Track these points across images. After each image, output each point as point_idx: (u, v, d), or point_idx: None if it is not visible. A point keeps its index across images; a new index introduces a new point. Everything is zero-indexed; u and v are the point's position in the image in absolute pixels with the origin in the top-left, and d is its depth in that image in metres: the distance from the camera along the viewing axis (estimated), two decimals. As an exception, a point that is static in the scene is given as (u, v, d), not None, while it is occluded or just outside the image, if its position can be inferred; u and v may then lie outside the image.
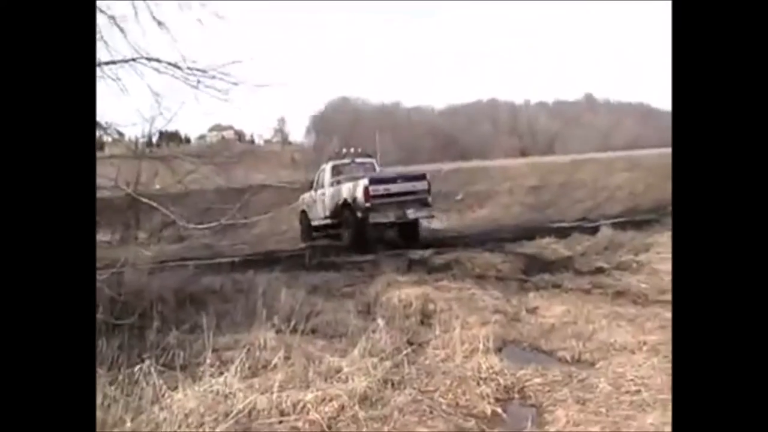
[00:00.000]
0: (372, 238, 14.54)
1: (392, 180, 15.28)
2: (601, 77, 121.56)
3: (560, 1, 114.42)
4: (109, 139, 10.54)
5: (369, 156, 18.70)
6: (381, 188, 14.72)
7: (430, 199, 15.29)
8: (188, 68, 7.02)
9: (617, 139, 52.77)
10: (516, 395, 4.78)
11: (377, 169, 17.74)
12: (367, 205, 14.51)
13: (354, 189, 15.04)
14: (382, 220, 14.62)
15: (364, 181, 14.81)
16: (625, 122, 54.85)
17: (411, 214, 14.84)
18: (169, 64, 7.06)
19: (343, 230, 15.79)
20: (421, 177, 15.59)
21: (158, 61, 7.06)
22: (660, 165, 25.93)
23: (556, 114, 70.23)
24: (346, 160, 17.71)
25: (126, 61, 6.92)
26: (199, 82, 7.06)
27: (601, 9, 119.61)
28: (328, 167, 17.44)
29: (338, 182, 16.21)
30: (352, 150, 18.47)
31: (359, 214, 14.71)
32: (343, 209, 15.56)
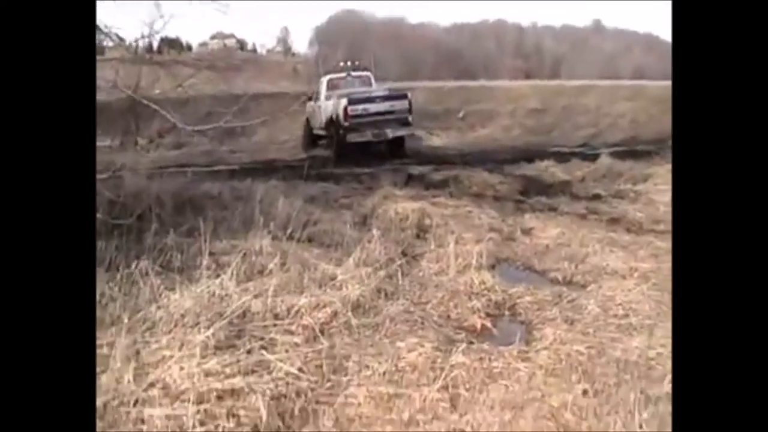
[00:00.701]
0: (357, 154, 14.57)
1: (371, 100, 15.20)
2: (609, 4, 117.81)
3: None
4: (110, 44, 10.35)
5: (366, 69, 18.51)
6: (360, 108, 14.78)
7: (410, 119, 15.28)
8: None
9: (623, 67, 51.78)
10: (506, 312, 4.89)
11: (373, 83, 17.56)
12: (346, 124, 14.67)
13: (337, 107, 15.09)
14: (358, 139, 14.74)
15: (344, 101, 14.85)
16: (632, 50, 53.73)
17: (390, 133, 14.90)
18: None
19: (332, 144, 15.98)
20: (402, 96, 15.53)
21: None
22: (664, 97, 25.67)
23: (562, 38, 68.61)
24: (342, 74, 17.60)
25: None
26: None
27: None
28: (324, 80, 17.36)
29: (329, 97, 16.13)
30: (349, 63, 18.29)
31: (341, 132, 14.89)
32: (331, 124, 15.67)
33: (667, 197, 8.68)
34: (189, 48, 65.62)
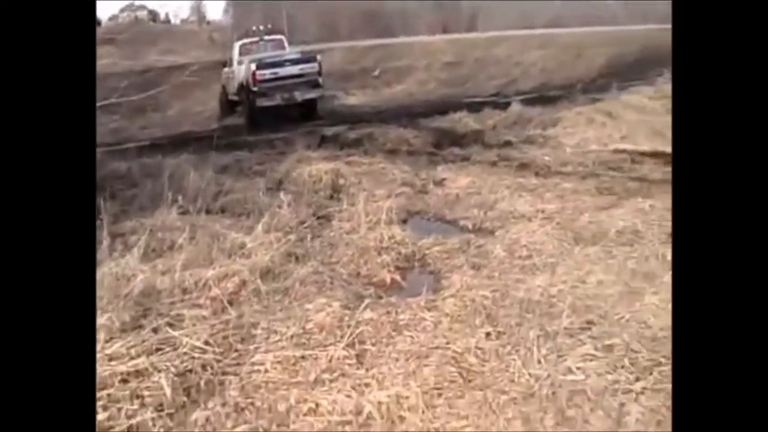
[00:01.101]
0: (271, 119, 14.40)
1: (280, 64, 14.94)
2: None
3: None
4: None
5: (279, 33, 18.23)
6: (268, 72, 14.57)
7: (320, 80, 15.10)
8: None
9: (539, 18, 52.44)
10: (416, 263, 4.92)
11: (286, 46, 17.24)
12: (255, 89, 14.48)
13: (247, 72, 14.86)
14: (268, 104, 14.56)
15: (252, 66, 14.64)
16: (547, 2, 54.43)
17: (299, 96, 14.75)
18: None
19: (243, 110, 15.85)
20: (312, 59, 15.33)
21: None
22: (573, 43, 26.14)
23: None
24: (255, 39, 17.29)
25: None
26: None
27: None
28: (236, 45, 17.02)
29: (241, 62, 15.85)
30: (261, 27, 17.95)
31: (251, 97, 14.71)
32: (242, 90, 15.46)
33: (574, 140, 8.90)
34: (98, 23, 63.15)
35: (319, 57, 15.39)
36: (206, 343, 3.67)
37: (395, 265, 4.78)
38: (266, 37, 17.34)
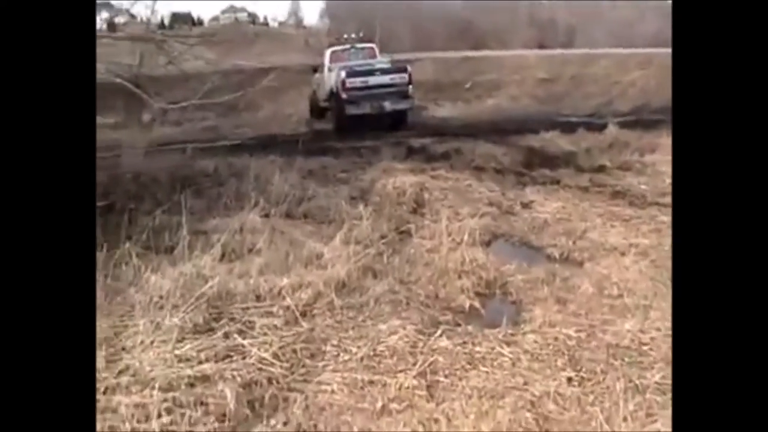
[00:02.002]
0: (360, 127, 14.34)
1: (370, 72, 14.91)
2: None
3: None
4: (122, 20, 10.24)
5: (370, 42, 18.27)
6: (358, 81, 14.55)
7: (410, 91, 14.96)
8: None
9: (638, 35, 50.81)
10: (497, 291, 4.69)
11: (377, 55, 17.27)
12: (344, 96, 14.46)
13: (337, 79, 14.86)
14: (357, 112, 14.52)
15: (342, 74, 14.63)
16: (647, 18, 52.66)
17: (388, 106, 14.64)
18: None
19: (332, 116, 15.83)
20: (402, 69, 15.21)
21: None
22: (676, 64, 24.97)
23: (576, 7, 67.53)
24: (346, 46, 17.36)
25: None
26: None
27: None
28: (327, 52, 17.15)
29: (332, 69, 15.95)
30: (353, 35, 18.04)
31: (340, 105, 14.71)
32: (331, 97, 15.49)
33: (673, 168, 8.41)
34: (200, 23, 65.78)
35: (409, 67, 15.32)
36: (275, 355, 3.60)
37: (475, 291, 4.57)
38: (358, 45, 17.40)
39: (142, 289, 4.38)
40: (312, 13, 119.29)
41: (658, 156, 9.35)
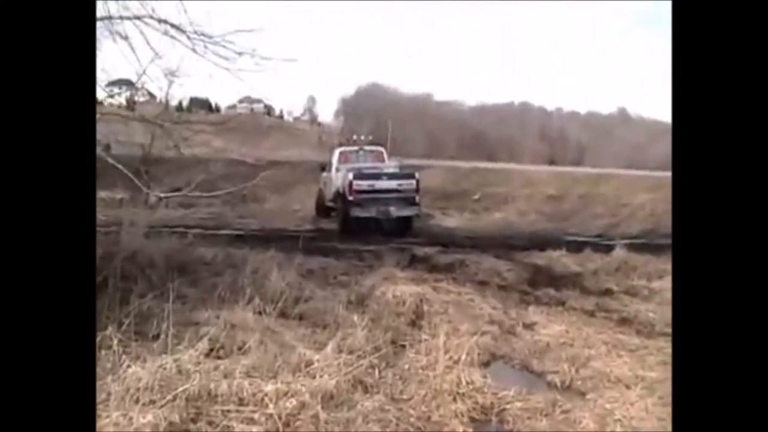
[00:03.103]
0: (364, 229, 14.42)
1: (377, 176, 15.17)
2: (634, 92, 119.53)
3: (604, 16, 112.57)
4: (141, 99, 10.43)
5: (379, 145, 18.61)
6: (365, 184, 14.74)
7: (417, 198, 15.15)
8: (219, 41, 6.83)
9: (647, 158, 51.66)
10: (494, 417, 4.41)
11: (386, 159, 17.57)
12: (351, 198, 14.58)
13: (344, 180, 15.04)
14: (362, 215, 14.64)
15: (350, 176, 14.81)
16: (658, 141, 53.70)
17: (394, 212, 14.79)
18: (203, 34, 6.82)
19: (337, 217, 15.94)
20: (410, 175, 15.45)
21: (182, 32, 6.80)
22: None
23: (587, 125, 69.22)
24: (355, 147, 17.72)
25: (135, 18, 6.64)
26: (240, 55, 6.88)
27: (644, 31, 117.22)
28: (336, 152, 17.48)
29: (339, 170, 16.13)
30: (362, 137, 18.38)
31: (346, 206, 14.83)
32: (337, 198, 15.66)
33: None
34: (217, 110, 67.73)
35: (417, 174, 15.46)
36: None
37: (470, 416, 4.30)
38: (366, 148, 17.73)
39: (119, 380, 4.17)
40: (327, 111, 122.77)
41: (667, 283, 9.13)
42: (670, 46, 2.27)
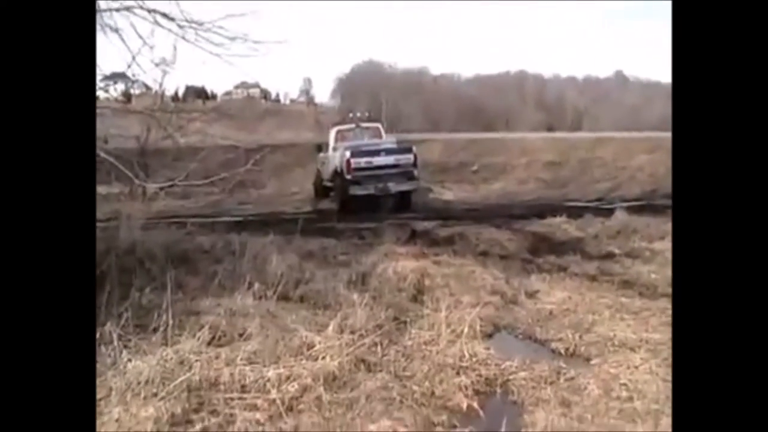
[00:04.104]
0: (363, 207, 14.30)
1: (375, 153, 15.01)
2: (631, 55, 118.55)
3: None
4: (136, 92, 10.36)
5: (375, 121, 18.50)
6: (363, 161, 14.62)
7: (415, 172, 15.03)
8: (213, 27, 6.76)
9: (646, 119, 51.32)
10: (498, 389, 4.38)
11: (383, 135, 17.42)
12: (349, 177, 14.51)
13: (341, 159, 14.92)
14: (361, 192, 14.55)
15: (347, 153, 14.70)
16: (655, 102, 53.33)
17: (393, 187, 14.69)
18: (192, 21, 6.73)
19: (336, 196, 15.86)
20: (408, 150, 15.33)
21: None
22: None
23: (584, 90, 68.76)
24: (351, 125, 17.53)
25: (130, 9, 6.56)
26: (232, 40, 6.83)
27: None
28: (333, 131, 17.32)
29: (336, 148, 16.01)
30: (358, 114, 18.23)
31: (344, 184, 14.75)
32: (335, 177, 15.56)
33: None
34: (214, 97, 67.41)
35: (414, 148, 15.33)
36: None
37: (474, 389, 4.26)
38: (363, 125, 17.54)
39: (119, 375, 4.14)
40: (323, 92, 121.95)
41: (668, 243, 9.09)
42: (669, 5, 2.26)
